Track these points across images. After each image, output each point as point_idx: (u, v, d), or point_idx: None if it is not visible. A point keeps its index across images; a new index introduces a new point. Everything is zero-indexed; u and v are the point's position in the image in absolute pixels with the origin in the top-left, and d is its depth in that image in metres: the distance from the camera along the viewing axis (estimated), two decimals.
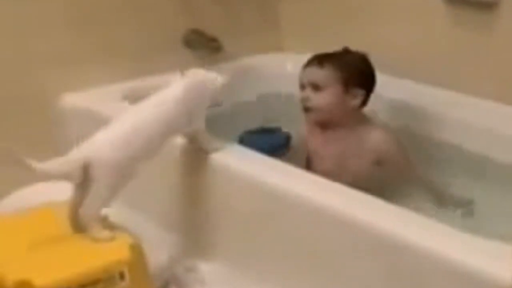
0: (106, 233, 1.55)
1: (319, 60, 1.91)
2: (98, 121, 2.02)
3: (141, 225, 1.79)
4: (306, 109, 1.92)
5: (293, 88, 2.02)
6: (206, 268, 1.78)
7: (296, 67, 1.99)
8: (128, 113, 1.68)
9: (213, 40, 2.33)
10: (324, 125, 1.95)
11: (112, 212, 1.98)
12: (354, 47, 1.98)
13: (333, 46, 1.98)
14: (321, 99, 1.89)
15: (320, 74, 1.90)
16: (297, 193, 1.58)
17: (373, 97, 1.96)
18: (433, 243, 1.37)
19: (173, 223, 1.88)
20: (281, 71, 2.41)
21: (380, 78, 1.97)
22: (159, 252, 1.72)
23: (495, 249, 1.33)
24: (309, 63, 1.94)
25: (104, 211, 2.02)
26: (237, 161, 1.73)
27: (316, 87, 1.90)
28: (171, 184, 1.86)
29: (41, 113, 2.12)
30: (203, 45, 2.33)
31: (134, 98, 2.11)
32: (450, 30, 2.12)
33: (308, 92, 1.91)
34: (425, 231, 1.41)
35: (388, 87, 2.13)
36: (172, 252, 1.79)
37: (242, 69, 2.41)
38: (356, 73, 1.91)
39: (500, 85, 2.04)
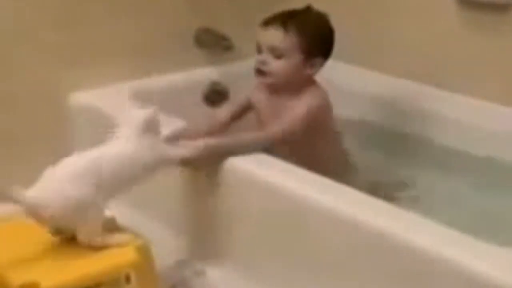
0: (121, 237, 1.52)
1: (283, 22, 1.79)
2: (107, 120, 2.02)
3: (149, 228, 1.78)
4: (260, 72, 1.82)
5: None
6: (214, 272, 1.76)
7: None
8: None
9: (225, 38, 2.31)
10: (273, 89, 1.86)
11: (120, 214, 1.98)
12: (365, 47, 1.96)
13: (344, 45, 1.94)
14: (280, 67, 1.80)
15: (282, 41, 1.79)
16: (309, 197, 1.56)
17: (382, 100, 1.94)
18: (434, 244, 1.36)
19: (181, 226, 1.86)
20: None
21: (390, 80, 1.95)
22: (166, 254, 1.71)
23: (496, 251, 1.33)
24: (271, 24, 1.82)
25: (109, 212, 2.02)
26: (249, 164, 1.70)
27: (275, 54, 1.80)
28: (179, 186, 1.83)
29: (50, 112, 2.12)
30: (214, 44, 2.31)
31: (144, 96, 2.11)
32: (462, 32, 2.11)
33: (266, 56, 1.81)
34: (427, 232, 1.40)
35: (397, 89, 2.12)
36: (180, 255, 1.77)
37: (253, 68, 2.39)
38: (319, 41, 1.82)
39: (510, 88, 2.03)
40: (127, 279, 1.45)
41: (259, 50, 1.84)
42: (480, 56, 2.07)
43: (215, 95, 2.32)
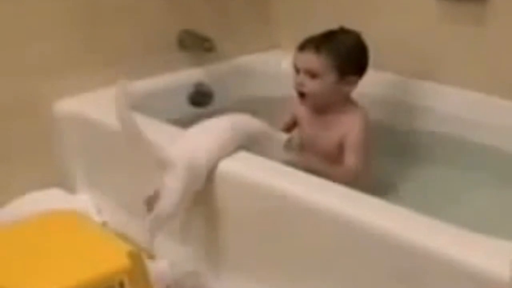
0: None
1: (316, 46, 1.89)
2: (93, 126, 2.03)
3: (143, 232, 1.78)
4: (301, 94, 1.93)
5: (288, 86, 2.01)
6: (208, 273, 1.77)
7: (292, 65, 1.97)
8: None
9: (206, 40, 2.30)
10: (315, 108, 1.96)
11: (115, 217, 1.98)
12: None
13: None
14: (317, 86, 1.89)
15: (316, 62, 1.88)
16: (303, 197, 1.55)
17: (364, 92, 1.95)
18: (431, 241, 1.36)
19: (174, 228, 1.84)
20: (276, 69, 2.40)
21: (371, 73, 1.96)
22: (159, 258, 1.71)
23: (494, 246, 1.32)
24: (305, 48, 1.91)
25: (104, 218, 2.03)
26: (242, 166, 1.70)
27: (311, 74, 1.89)
28: None
29: (35, 120, 2.10)
30: (196, 46, 2.31)
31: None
32: (441, 24, 2.11)
33: (303, 77, 1.90)
34: (424, 229, 1.40)
35: (379, 81, 2.12)
36: (173, 258, 1.77)
37: (237, 68, 2.40)
38: (352, 60, 1.91)
39: (491, 78, 2.04)
40: (121, 285, 1.45)
41: (297, 72, 1.93)
42: (459, 47, 2.08)
43: (200, 96, 2.32)
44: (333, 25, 1.98)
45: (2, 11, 2.01)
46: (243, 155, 1.72)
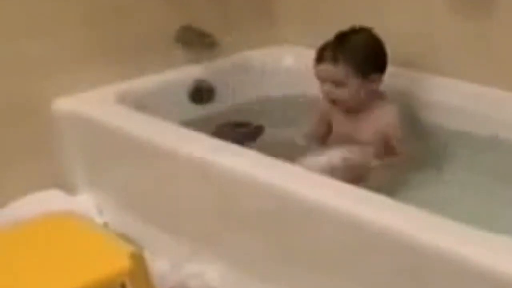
0: None
1: (332, 56, 1.92)
2: (92, 125, 2.02)
3: (143, 230, 1.77)
4: (333, 102, 1.98)
5: (291, 83, 2.00)
6: (212, 273, 1.76)
7: (295, 60, 1.97)
8: None
9: (207, 35, 2.29)
10: (347, 110, 2.01)
11: (115, 219, 1.97)
12: None
13: (330, 36, 1.96)
14: (345, 94, 1.94)
15: (336, 72, 1.92)
16: (317, 199, 1.54)
17: None
18: (438, 239, 1.35)
19: (177, 228, 1.86)
20: (279, 65, 2.39)
21: None
22: (162, 258, 1.71)
23: (504, 244, 1.31)
24: (322, 59, 1.95)
25: (105, 219, 2.02)
26: (243, 164, 1.69)
27: (336, 83, 1.93)
28: (175, 189, 1.84)
29: (34, 120, 2.09)
30: (197, 42, 2.29)
31: (129, 98, 2.10)
32: (449, 17, 2.11)
33: (330, 86, 1.95)
34: (431, 227, 1.39)
35: (386, 75, 2.12)
36: (176, 258, 1.76)
37: (239, 64, 2.38)
38: (370, 59, 1.95)
39: (500, 71, 2.03)
40: (123, 287, 1.44)
41: (321, 81, 1.97)
42: (467, 40, 2.08)
43: (201, 93, 2.31)
44: (337, 19, 1.98)
45: (1, 10, 2.00)
46: (249, 153, 1.72)
